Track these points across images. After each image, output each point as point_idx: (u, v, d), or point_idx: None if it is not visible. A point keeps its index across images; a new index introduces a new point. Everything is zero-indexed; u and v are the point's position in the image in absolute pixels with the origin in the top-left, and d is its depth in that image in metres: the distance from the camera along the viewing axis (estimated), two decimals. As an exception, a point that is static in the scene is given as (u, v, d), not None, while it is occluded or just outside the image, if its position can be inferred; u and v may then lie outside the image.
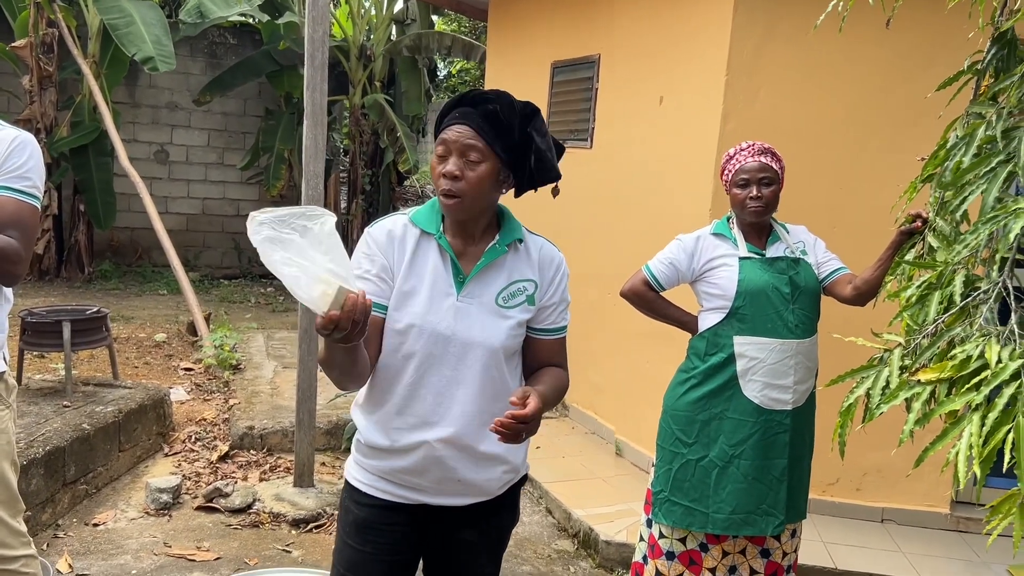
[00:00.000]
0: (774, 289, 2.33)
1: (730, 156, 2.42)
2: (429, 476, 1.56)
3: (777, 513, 2.38)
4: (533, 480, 3.92)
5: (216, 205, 9.71)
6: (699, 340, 2.45)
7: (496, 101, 1.50)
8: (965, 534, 3.56)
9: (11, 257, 1.77)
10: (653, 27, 4.13)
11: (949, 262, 1.48)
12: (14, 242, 1.77)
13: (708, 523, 2.38)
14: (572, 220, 4.76)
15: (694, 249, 2.44)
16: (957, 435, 1.28)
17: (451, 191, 1.47)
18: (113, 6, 7.45)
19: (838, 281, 2.40)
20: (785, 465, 2.38)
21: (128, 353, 5.80)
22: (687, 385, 2.43)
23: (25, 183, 1.83)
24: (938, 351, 1.40)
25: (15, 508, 1.97)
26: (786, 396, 2.35)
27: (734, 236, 2.42)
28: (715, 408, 2.38)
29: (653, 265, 2.50)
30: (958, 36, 2.40)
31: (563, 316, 1.65)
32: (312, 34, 3.36)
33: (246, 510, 3.50)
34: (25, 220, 1.81)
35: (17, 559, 1.95)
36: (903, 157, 3.25)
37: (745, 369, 2.34)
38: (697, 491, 2.39)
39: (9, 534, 1.93)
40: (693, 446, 2.40)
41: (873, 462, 3.54)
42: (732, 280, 2.35)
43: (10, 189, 1.81)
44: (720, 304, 2.38)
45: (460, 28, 11.86)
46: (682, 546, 2.47)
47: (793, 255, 2.41)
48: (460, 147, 1.47)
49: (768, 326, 2.33)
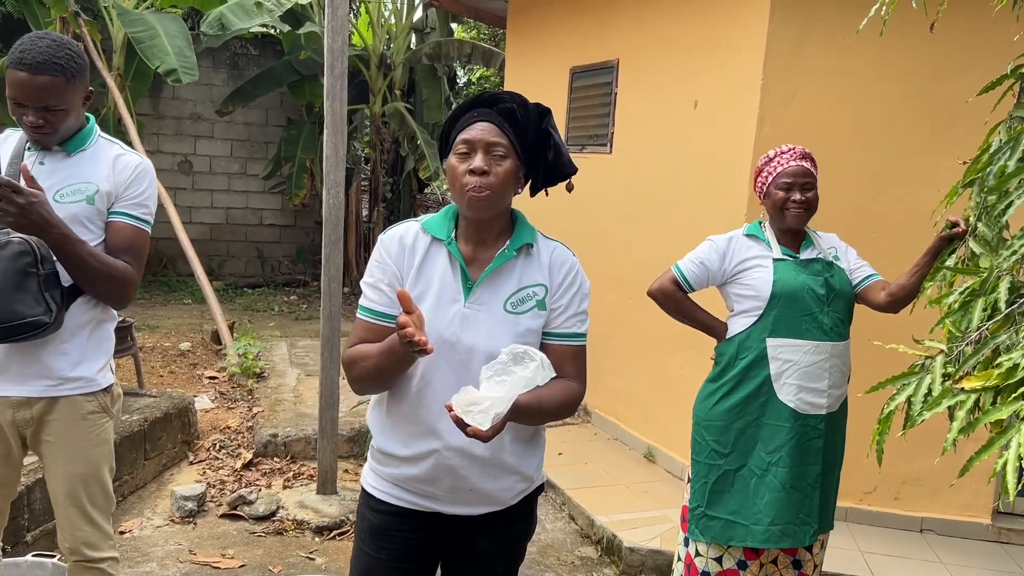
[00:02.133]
0: (809, 290, 2.29)
1: (769, 159, 2.37)
2: (441, 485, 1.54)
3: (812, 522, 2.32)
4: (555, 486, 3.88)
5: (239, 215, 9.81)
6: (728, 345, 2.40)
7: (511, 100, 1.51)
8: (1007, 545, 3.47)
9: (126, 281, 1.91)
10: (681, 31, 4.10)
11: (994, 268, 1.43)
12: (130, 268, 1.92)
13: (748, 536, 2.31)
14: (591, 224, 4.73)
15: (726, 250, 2.39)
16: (1003, 445, 1.23)
17: (480, 186, 1.45)
18: (137, 19, 7.56)
19: (871, 288, 2.35)
20: (819, 471, 2.32)
21: (153, 362, 5.86)
22: (719, 394, 2.38)
23: (142, 211, 1.97)
24: (982, 359, 1.35)
25: (109, 510, 2.06)
26: (821, 400, 2.30)
27: (767, 238, 2.38)
28: (750, 415, 2.33)
29: (683, 265, 2.44)
30: (996, 39, 2.35)
31: (577, 324, 1.58)
32: (332, 44, 3.37)
33: (270, 517, 3.50)
34: (139, 247, 1.96)
35: (104, 560, 2.02)
36: (941, 161, 3.19)
37: (779, 372, 2.29)
38: (737, 502, 2.34)
39: (100, 536, 2.02)
40: (730, 456, 2.35)
41: (912, 471, 3.46)
42: (767, 281, 2.30)
43: (129, 216, 1.95)
44: (753, 306, 2.34)
45: (479, 35, 11.88)
46: (718, 566, 2.40)
47: (827, 259, 2.36)
48: (485, 143, 1.47)
49: (803, 328, 2.28)
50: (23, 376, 1.89)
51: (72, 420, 1.94)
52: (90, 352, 1.96)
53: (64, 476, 1.96)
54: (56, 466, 1.96)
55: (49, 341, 1.88)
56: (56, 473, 1.97)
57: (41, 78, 1.77)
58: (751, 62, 3.56)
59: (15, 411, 1.92)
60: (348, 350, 1.54)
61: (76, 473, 1.96)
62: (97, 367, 1.98)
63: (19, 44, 1.79)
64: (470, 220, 1.54)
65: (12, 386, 1.90)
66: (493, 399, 1.34)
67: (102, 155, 1.95)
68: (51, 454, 1.96)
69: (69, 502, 1.96)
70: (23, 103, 1.81)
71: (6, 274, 1.78)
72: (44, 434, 1.95)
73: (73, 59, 1.82)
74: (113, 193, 1.93)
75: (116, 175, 1.94)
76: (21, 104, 1.81)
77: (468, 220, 1.54)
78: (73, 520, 1.97)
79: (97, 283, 1.88)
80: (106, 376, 2.01)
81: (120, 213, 1.93)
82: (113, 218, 1.93)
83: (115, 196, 1.93)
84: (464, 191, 1.46)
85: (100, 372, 1.99)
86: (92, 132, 1.97)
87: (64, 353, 1.91)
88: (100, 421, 2.00)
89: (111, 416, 2.05)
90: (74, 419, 1.95)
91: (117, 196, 1.93)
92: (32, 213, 1.71)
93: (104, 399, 2.01)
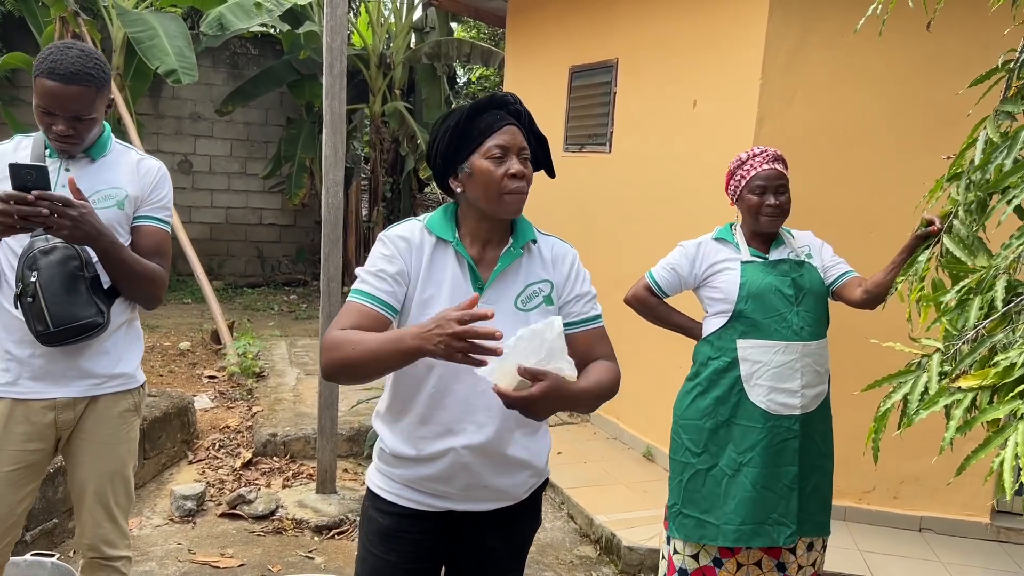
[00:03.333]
0: (776, 291, 2.30)
1: (741, 161, 2.39)
2: (456, 483, 1.55)
3: (789, 523, 2.31)
4: (555, 486, 3.88)
5: (239, 214, 9.81)
6: (703, 345, 2.42)
7: (515, 102, 1.56)
8: (1006, 544, 3.47)
9: (161, 283, 1.98)
10: (680, 30, 4.10)
11: (991, 267, 1.43)
12: (161, 269, 1.99)
13: (719, 535, 2.32)
14: (589, 224, 4.73)
15: (696, 255, 2.42)
16: (1001, 444, 1.23)
17: (521, 189, 1.50)
18: (136, 19, 7.55)
19: (847, 285, 2.36)
20: (795, 473, 2.32)
21: (153, 361, 5.86)
22: (694, 393, 2.40)
23: (166, 213, 2.04)
24: (979, 358, 1.35)
25: (128, 510, 2.11)
26: (793, 400, 2.30)
27: (736, 241, 2.40)
28: (722, 415, 2.34)
29: (656, 271, 2.50)
30: (996, 38, 2.34)
31: (591, 306, 1.63)
32: (330, 43, 3.37)
33: (269, 517, 3.51)
34: (166, 248, 2.03)
35: (120, 559, 2.07)
36: (940, 161, 3.18)
37: (749, 373, 2.30)
38: (708, 502, 2.34)
39: (119, 535, 2.06)
40: (702, 455, 2.36)
41: (911, 470, 3.46)
42: (734, 283, 2.32)
43: (156, 220, 2.01)
44: (723, 308, 2.35)
45: (479, 35, 11.88)
46: (695, 563, 2.41)
47: (797, 258, 2.37)
48: (518, 147, 1.51)
49: (771, 328, 2.29)
50: (67, 378, 1.94)
51: (109, 418, 2.00)
52: (127, 350, 2.03)
53: (95, 474, 2.00)
54: (88, 464, 1.99)
55: (92, 342, 1.93)
56: (87, 471, 2.00)
57: (73, 88, 1.80)
58: (750, 61, 3.56)
59: (57, 413, 1.95)
60: (336, 331, 1.43)
61: (106, 471, 2.00)
62: (135, 364, 2.06)
63: (47, 53, 1.81)
64: (484, 221, 1.54)
65: (56, 388, 1.94)
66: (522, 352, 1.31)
67: (122, 160, 2.00)
68: (84, 452, 1.99)
69: (96, 499, 2.00)
70: (54, 112, 1.82)
71: (59, 279, 1.84)
72: (81, 433, 1.99)
73: (102, 68, 1.86)
74: (139, 197, 1.99)
75: (141, 179, 1.99)
76: (51, 113, 1.83)
77: (481, 221, 1.54)
78: (96, 517, 2.00)
79: (138, 286, 1.94)
80: (140, 373, 2.09)
81: (147, 217, 2.00)
82: (141, 222, 1.99)
83: (141, 200, 1.99)
84: (504, 194, 1.49)
85: (137, 369, 2.07)
86: (110, 138, 2.00)
87: (106, 352, 1.97)
88: (131, 419, 2.06)
89: (139, 415, 2.11)
90: (111, 417, 2.00)
91: (143, 200, 1.99)
92: (85, 224, 1.76)
93: (138, 397, 2.08)
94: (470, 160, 1.51)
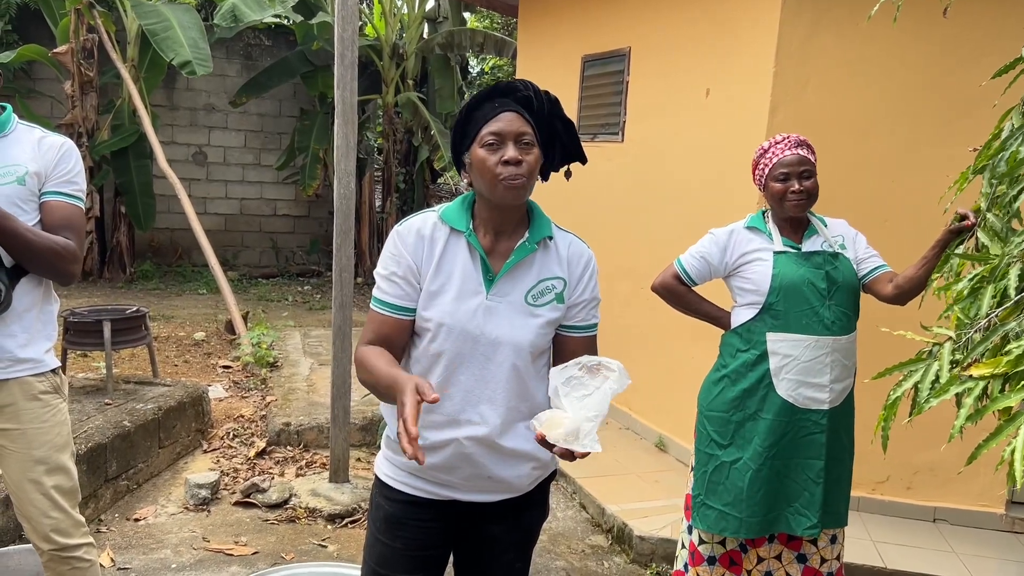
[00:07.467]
0: (809, 284, 2.26)
1: (764, 150, 2.35)
2: (459, 473, 1.55)
3: (810, 515, 2.29)
4: (566, 475, 3.89)
5: (253, 205, 9.86)
6: (732, 336, 2.39)
7: (526, 88, 1.52)
8: (1022, 535, 3.43)
9: (69, 257, 1.93)
10: (692, 18, 4.06)
11: (1004, 255, 1.41)
12: (71, 243, 1.93)
13: (742, 528, 2.31)
14: (602, 214, 4.71)
15: (727, 243, 2.37)
16: (1012, 432, 1.22)
17: (516, 175, 1.46)
18: (151, 11, 7.59)
19: (879, 279, 2.31)
20: (822, 466, 2.29)
21: (168, 351, 5.92)
22: (721, 384, 2.37)
23: (73, 187, 1.99)
24: (991, 346, 1.33)
25: (75, 498, 2.06)
26: (822, 395, 2.27)
27: (769, 230, 2.35)
28: (750, 408, 2.31)
29: (685, 259, 2.44)
30: (1011, 25, 2.30)
31: (593, 314, 1.62)
32: (342, 33, 3.37)
33: (282, 505, 3.54)
34: (76, 222, 1.97)
35: (79, 547, 2.04)
36: (954, 150, 3.14)
37: (778, 367, 2.27)
38: (731, 494, 2.33)
39: (71, 524, 2.02)
40: (728, 448, 2.34)
41: (925, 460, 3.43)
42: (766, 275, 2.28)
43: (61, 194, 1.97)
44: (753, 299, 2.32)
45: (492, 25, 11.84)
46: (723, 548, 2.41)
47: (831, 249, 2.33)
48: (515, 134, 1.48)
49: (803, 322, 2.25)
50: None
51: (26, 401, 1.95)
52: (37, 334, 1.98)
53: (24, 460, 1.96)
54: (15, 452, 1.96)
55: None
56: (15, 459, 1.96)
57: None
58: (764, 49, 3.52)
59: None
60: (361, 348, 1.52)
61: (36, 456, 1.96)
62: (44, 348, 2.00)
63: None
64: (494, 210, 1.53)
65: None
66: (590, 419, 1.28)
67: (24, 138, 1.96)
68: (8, 440, 1.95)
69: (33, 487, 1.96)
70: None
71: None
72: (1, 422, 1.95)
73: None
74: (43, 173, 1.94)
75: (43, 155, 1.95)
76: None
77: (491, 210, 1.53)
78: (39, 506, 1.96)
79: (40, 260, 1.89)
80: (53, 358, 2.03)
81: (52, 192, 1.95)
82: (47, 198, 1.95)
83: (45, 176, 1.95)
84: (498, 181, 1.47)
85: (47, 353, 2.01)
86: (11, 118, 1.98)
87: (12, 335, 1.92)
88: (54, 401, 2.01)
89: (64, 398, 2.06)
90: (28, 400, 1.96)
91: (47, 176, 1.95)
92: None
93: (54, 380, 2.02)
94: (471, 150, 1.51)
